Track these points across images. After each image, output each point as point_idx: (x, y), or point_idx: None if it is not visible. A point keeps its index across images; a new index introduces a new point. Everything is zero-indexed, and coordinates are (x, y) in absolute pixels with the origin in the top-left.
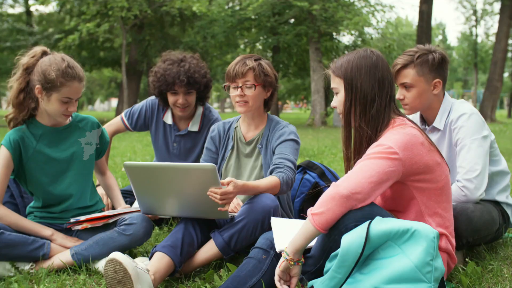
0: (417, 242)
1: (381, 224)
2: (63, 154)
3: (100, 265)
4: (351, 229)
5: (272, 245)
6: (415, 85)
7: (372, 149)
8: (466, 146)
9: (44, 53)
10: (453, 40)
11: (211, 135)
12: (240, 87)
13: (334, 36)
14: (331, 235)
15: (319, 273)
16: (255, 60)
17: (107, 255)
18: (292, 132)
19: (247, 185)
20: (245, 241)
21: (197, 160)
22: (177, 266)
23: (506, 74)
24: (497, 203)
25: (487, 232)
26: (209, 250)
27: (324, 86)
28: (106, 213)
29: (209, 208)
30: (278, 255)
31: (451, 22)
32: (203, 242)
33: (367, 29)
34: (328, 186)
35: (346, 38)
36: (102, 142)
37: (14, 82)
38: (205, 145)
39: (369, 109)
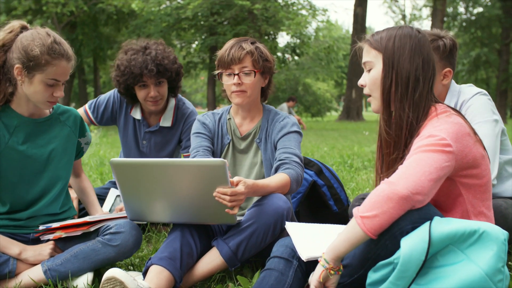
0: (486, 246)
1: (443, 226)
2: (40, 151)
3: (81, 282)
4: (407, 232)
5: (293, 254)
6: None
7: (423, 140)
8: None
9: (24, 28)
10: None
11: (204, 121)
12: (237, 74)
13: (274, 36)
14: (381, 240)
15: (354, 285)
16: (252, 43)
17: (89, 271)
18: (295, 124)
19: (257, 184)
20: (254, 249)
21: (169, 158)
22: (178, 282)
23: None
24: None
25: None
26: (211, 261)
27: None
28: (87, 218)
29: (214, 212)
30: (301, 265)
31: (382, 26)
32: (202, 251)
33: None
34: (326, 186)
35: (282, 40)
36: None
37: None
38: (195, 131)
39: (412, 92)
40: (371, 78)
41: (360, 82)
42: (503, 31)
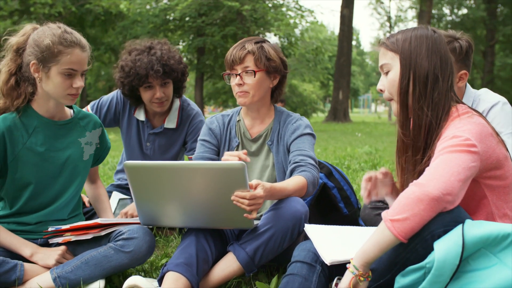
0: None
1: (475, 229)
2: (57, 154)
3: None
4: (438, 236)
5: (316, 258)
6: None
7: (448, 141)
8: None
9: (36, 29)
10: (366, 45)
11: (211, 127)
12: (239, 74)
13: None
14: (410, 244)
15: None
16: (257, 42)
17: (100, 278)
18: (308, 126)
19: (274, 187)
20: (271, 254)
21: (173, 160)
22: None
23: None
24: None
25: None
26: (227, 266)
27: None
28: (98, 220)
29: (231, 216)
30: (324, 270)
31: (366, 27)
32: (216, 257)
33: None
34: (336, 188)
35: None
36: (103, 147)
37: (2, 66)
38: (201, 138)
39: (431, 91)
40: (389, 81)
41: (379, 87)
42: (488, 33)
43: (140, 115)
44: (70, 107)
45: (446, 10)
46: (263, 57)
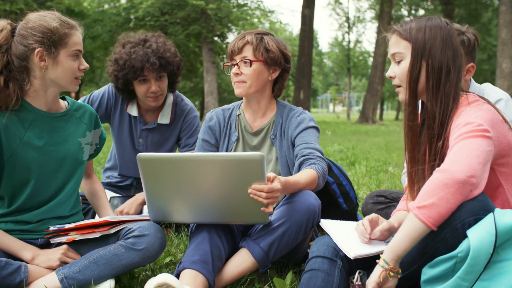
0: None
1: (506, 218)
2: (57, 148)
3: None
4: (469, 225)
5: (336, 253)
6: None
7: (461, 128)
8: None
9: (12, 25)
10: (324, 46)
11: (209, 124)
12: (237, 64)
13: (223, 37)
14: (440, 234)
15: (401, 283)
16: (258, 34)
17: (111, 277)
18: (312, 119)
19: (288, 181)
20: (285, 249)
21: None
22: (212, 286)
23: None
24: None
25: None
26: (241, 263)
27: (218, 88)
28: (107, 218)
29: (246, 211)
30: (345, 265)
31: (324, 28)
32: (228, 253)
33: None
34: (336, 183)
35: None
36: (101, 141)
37: None
38: (201, 136)
39: (444, 83)
40: (403, 69)
41: (389, 73)
42: None
43: (133, 111)
44: (63, 98)
45: (404, 11)
46: (262, 48)
